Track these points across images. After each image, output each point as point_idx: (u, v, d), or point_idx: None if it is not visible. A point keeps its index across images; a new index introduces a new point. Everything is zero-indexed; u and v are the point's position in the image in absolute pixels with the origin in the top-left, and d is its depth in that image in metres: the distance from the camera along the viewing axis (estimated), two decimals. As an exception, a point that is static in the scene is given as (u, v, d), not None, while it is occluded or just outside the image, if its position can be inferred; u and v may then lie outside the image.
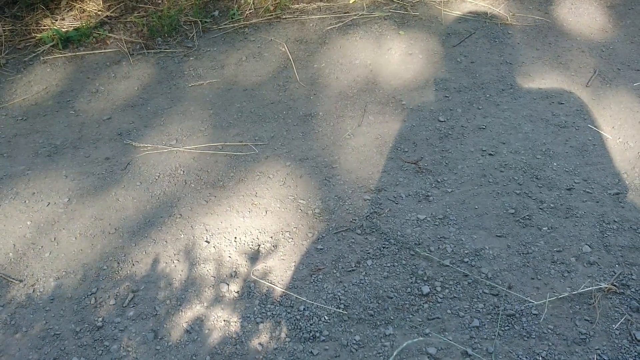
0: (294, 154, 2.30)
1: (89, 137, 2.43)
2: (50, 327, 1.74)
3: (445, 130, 2.38)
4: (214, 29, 3.02)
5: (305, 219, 2.04)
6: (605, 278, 1.82)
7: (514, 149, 2.28)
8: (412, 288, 1.81)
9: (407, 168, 2.22)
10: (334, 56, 2.80)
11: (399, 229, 1.99)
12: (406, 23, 2.96)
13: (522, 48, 2.79)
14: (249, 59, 2.82)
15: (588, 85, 2.57)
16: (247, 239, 1.97)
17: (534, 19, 2.97)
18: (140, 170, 2.25)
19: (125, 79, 2.74)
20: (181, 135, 2.41)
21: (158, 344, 1.69)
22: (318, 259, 1.91)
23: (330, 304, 1.77)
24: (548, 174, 2.16)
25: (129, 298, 1.81)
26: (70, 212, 2.09)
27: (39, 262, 1.93)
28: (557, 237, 1.94)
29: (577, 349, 1.64)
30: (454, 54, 2.77)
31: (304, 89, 2.63)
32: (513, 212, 2.03)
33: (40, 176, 2.24)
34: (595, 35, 2.87)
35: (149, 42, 2.95)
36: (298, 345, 1.67)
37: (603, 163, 2.21)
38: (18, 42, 2.97)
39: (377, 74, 2.68)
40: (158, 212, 2.08)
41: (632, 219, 1.99)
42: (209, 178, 2.21)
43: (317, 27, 2.97)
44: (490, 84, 2.60)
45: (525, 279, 1.82)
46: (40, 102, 2.63)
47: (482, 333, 1.68)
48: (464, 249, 1.92)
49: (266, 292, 1.82)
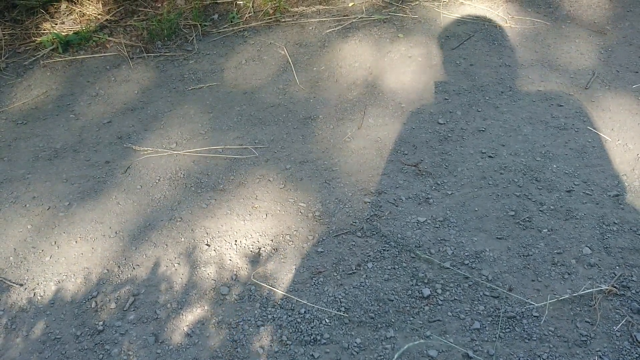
0: (294, 157, 2.30)
1: (89, 141, 2.43)
2: (51, 331, 1.74)
3: (444, 132, 2.38)
4: (213, 32, 3.03)
5: (305, 221, 2.04)
6: (605, 280, 1.82)
7: (513, 151, 2.28)
8: (413, 290, 1.81)
9: (407, 171, 2.22)
10: (334, 59, 2.80)
11: (399, 231, 1.99)
12: (405, 26, 2.97)
13: (521, 50, 2.80)
14: (248, 62, 2.82)
15: (587, 88, 2.58)
16: (247, 242, 1.98)
17: (532, 21, 2.98)
18: (141, 173, 2.25)
19: (125, 83, 2.74)
20: (181, 138, 2.41)
21: (159, 348, 1.69)
22: (318, 261, 1.91)
23: (331, 307, 1.77)
24: (548, 176, 2.17)
25: (130, 302, 1.81)
26: (70, 215, 2.09)
27: (40, 266, 1.93)
28: (557, 239, 1.95)
29: (577, 350, 1.64)
30: (453, 56, 2.78)
31: (303, 92, 2.64)
32: (513, 214, 2.03)
33: (41, 180, 2.24)
34: (594, 37, 2.88)
35: (149, 46, 2.95)
36: (299, 348, 1.67)
37: (602, 165, 2.21)
38: (18, 46, 2.98)
39: (376, 77, 2.69)
40: (158, 216, 2.08)
41: (632, 220, 1.99)
42: (209, 181, 2.21)
43: (317, 31, 2.98)
44: (490, 86, 2.61)
45: (525, 281, 1.82)
46: (40, 106, 2.63)
47: (483, 335, 1.68)
48: (464, 251, 1.92)
49: (267, 295, 1.82)
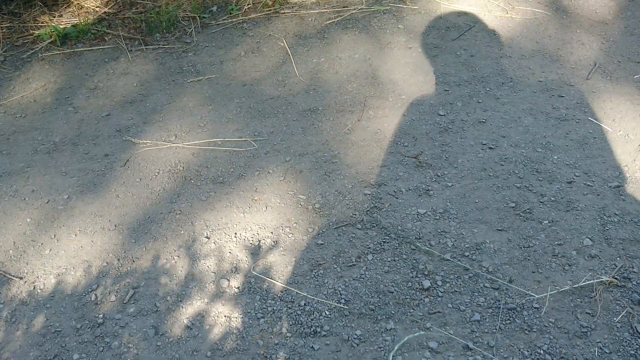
0: (293, 149, 2.30)
1: (88, 134, 2.42)
2: (51, 324, 1.74)
3: (445, 124, 2.37)
4: (212, 24, 3.01)
5: (305, 214, 2.04)
6: (606, 271, 1.81)
7: (514, 142, 2.27)
8: (413, 282, 1.81)
9: (407, 162, 2.22)
10: (333, 51, 2.78)
11: (399, 223, 1.99)
12: (405, 17, 2.95)
13: (521, 41, 2.78)
14: (247, 54, 2.81)
15: (588, 78, 2.56)
16: (247, 234, 1.97)
17: (533, 11, 2.96)
18: (140, 166, 2.25)
19: (123, 76, 2.73)
20: (180, 131, 2.41)
21: (159, 340, 1.69)
22: (318, 254, 1.91)
23: (331, 299, 1.77)
24: (548, 167, 2.16)
25: (130, 294, 1.81)
26: (69, 209, 2.09)
27: (39, 259, 1.93)
28: (557, 230, 1.94)
29: (578, 342, 1.63)
30: (453, 47, 2.76)
31: (303, 84, 2.62)
32: (514, 205, 2.03)
33: (40, 173, 2.24)
34: (595, 27, 2.86)
35: (147, 38, 2.94)
36: (299, 340, 1.67)
37: (603, 156, 2.20)
38: (16, 39, 2.96)
39: (376, 69, 2.67)
40: (158, 209, 2.08)
41: (633, 211, 1.99)
42: (209, 174, 2.21)
43: (316, 22, 2.96)
44: (490, 77, 2.59)
45: (526, 273, 1.82)
46: (38, 99, 2.62)
47: (483, 327, 1.68)
48: (464, 243, 1.91)
49: (267, 287, 1.82)
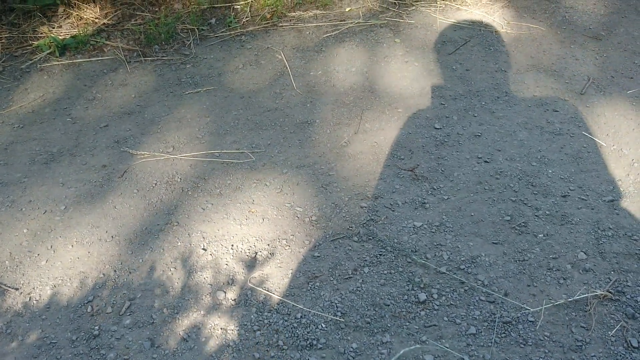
0: (290, 161, 2.31)
1: (85, 145, 2.43)
2: (47, 336, 1.74)
3: (441, 137, 2.39)
4: (211, 36, 3.03)
5: (302, 226, 2.04)
6: (600, 285, 1.83)
7: (509, 156, 2.29)
8: (409, 295, 1.81)
9: (404, 175, 2.23)
10: (331, 64, 2.81)
11: (395, 236, 2.00)
12: (402, 31, 2.98)
13: (516, 56, 2.81)
14: (245, 66, 2.83)
15: (582, 93, 2.60)
16: (244, 246, 1.98)
17: (528, 27, 3.00)
18: (137, 177, 2.25)
19: (122, 87, 2.74)
20: (178, 142, 2.42)
21: (155, 353, 1.68)
22: (315, 266, 1.91)
23: (328, 312, 1.77)
24: (543, 181, 2.18)
25: (126, 306, 1.81)
26: (66, 219, 2.09)
27: (36, 270, 1.92)
28: (552, 244, 1.95)
29: (573, 355, 1.64)
30: (449, 61, 2.79)
31: (300, 97, 2.64)
32: (509, 219, 2.04)
33: (37, 184, 2.24)
34: (589, 43, 2.90)
35: (146, 50, 2.96)
36: (295, 353, 1.67)
37: (598, 170, 2.22)
38: (15, 50, 2.98)
39: (373, 82, 2.70)
40: (155, 220, 2.08)
41: (627, 225, 2.00)
42: (206, 185, 2.21)
43: (314, 35, 2.99)
44: (486, 91, 2.62)
45: (521, 286, 1.83)
46: (37, 110, 2.63)
47: (479, 340, 1.69)
48: (460, 256, 1.92)
49: (263, 299, 1.82)
